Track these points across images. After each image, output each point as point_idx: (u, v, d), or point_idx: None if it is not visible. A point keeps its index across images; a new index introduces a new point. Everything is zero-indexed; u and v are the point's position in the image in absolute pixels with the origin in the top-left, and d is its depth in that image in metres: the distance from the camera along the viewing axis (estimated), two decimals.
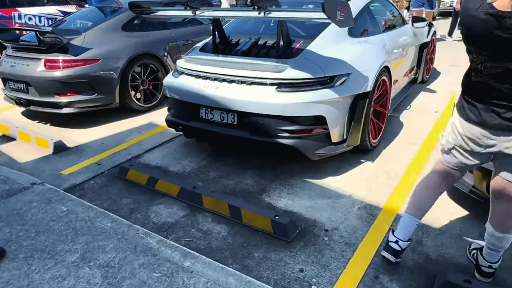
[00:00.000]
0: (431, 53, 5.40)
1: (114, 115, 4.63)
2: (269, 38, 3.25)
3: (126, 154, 3.69)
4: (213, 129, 3.14)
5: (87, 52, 4.25)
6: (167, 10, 3.30)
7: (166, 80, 3.47)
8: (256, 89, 2.90)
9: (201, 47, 3.53)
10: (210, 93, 3.04)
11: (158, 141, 3.97)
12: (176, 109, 3.42)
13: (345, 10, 2.48)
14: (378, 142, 3.56)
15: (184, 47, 5.20)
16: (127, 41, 4.63)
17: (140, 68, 4.69)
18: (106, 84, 4.35)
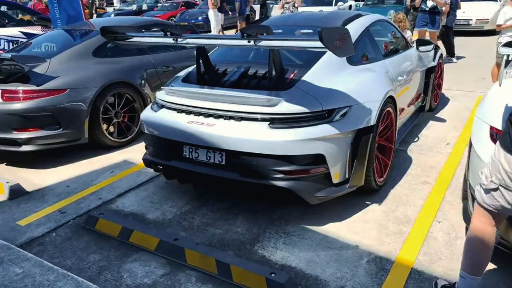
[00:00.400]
0: (438, 78, 5.53)
1: (82, 152, 4.55)
2: (260, 67, 3.29)
3: (95, 199, 3.60)
4: (198, 169, 3.10)
5: (52, 81, 4.23)
6: (144, 36, 3.32)
7: (144, 115, 3.45)
8: (246, 125, 2.89)
9: (183, 77, 3.54)
10: (194, 129, 3.01)
11: (133, 182, 3.89)
12: (156, 147, 3.38)
13: (344, 38, 2.53)
14: (385, 181, 3.55)
15: (165, 74, 5.23)
16: (99, 68, 4.63)
17: (113, 98, 4.67)
18: (74, 117, 4.31)
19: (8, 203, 3.57)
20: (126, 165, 4.29)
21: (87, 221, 3.17)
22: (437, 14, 7.98)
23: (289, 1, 10.77)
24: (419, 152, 4.27)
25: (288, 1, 10.77)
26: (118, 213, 3.36)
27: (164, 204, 3.46)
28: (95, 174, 4.12)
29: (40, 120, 4.15)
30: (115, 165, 4.31)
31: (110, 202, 3.55)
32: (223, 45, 3.31)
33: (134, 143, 4.87)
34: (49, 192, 3.76)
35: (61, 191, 3.79)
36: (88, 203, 3.54)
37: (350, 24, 3.70)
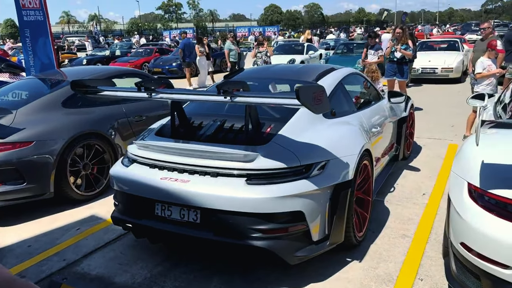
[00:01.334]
0: (410, 127, 5.67)
1: (46, 208, 4.31)
2: (236, 120, 3.26)
3: (59, 260, 3.36)
4: (171, 228, 2.95)
5: (17, 133, 4.06)
6: (117, 90, 3.25)
7: (113, 170, 3.31)
8: (222, 182, 2.81)
9: (157, 130, 3.46)
10: (167, 186, 2.90)
11: (101, 240, 3.68)
12: (125, 204, 3.22)
13: (320, 95, 2.54)
14: (364, 235, 3.49)
15: (137, 123, 5.14)
16: (68, 119, 4.50)
17: (82, 150, 4.52)
18: (39, 171, 4.11)
19: None
20: (94, 221, 4.08)
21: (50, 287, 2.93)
22: (405, 64, 8.35)
23: (261, 50, 11.03)
24: (396, 203, 4.26)
25: (260, 50, 11.02)
26: (83, 277, 3.13)
27: (134, 266, 3.25)
28: (59, 231, 3.88)
29: (3, 174, 3.94)
30: (82, 221, 4.08)
31: (75, 264, 3.31)
32: (199, 100, 3.28)
33: (102, 196, 4.67)
34: (8, 253, 3.50)
35: (22, 251, 3.52)
36: (51, 265, 3.30)
37: (324, 78, 3.78)
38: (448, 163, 5.43)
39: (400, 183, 4.83)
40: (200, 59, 13.13)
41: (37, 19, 7.00)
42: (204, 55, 13.14)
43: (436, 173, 5.11)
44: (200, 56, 13.06)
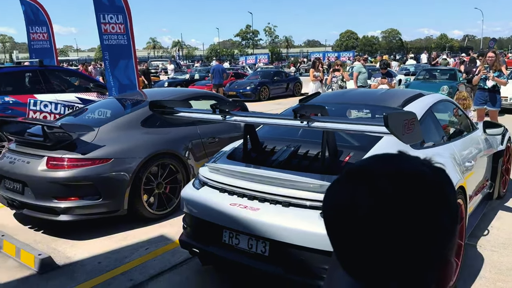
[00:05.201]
0: (506, 163, 5.03)
1: (118, 225, 4.38)
2: (312, 147, 3.04)
3: (126, 280, 3.33)
4: (238, 258, 2.78)
5: (97, 150, 4.20)
6: (193, 112, 3.22)
7: (185, 192, 3.25)
8: (294, 213, 2.59)
9: (229, 153, 3.36)
10: (236, 213, 2.75)
11: (168, 263, 3.61)
12: (193, 228, 3.12)
13: (412, 123, 2.25)
14: (455, 285, 3.03)
15: (210, 145, 5.13)
16: (146, 138, 4.60)
17: (157, 169, 4.57)
18: (115, 188, 4.20)
19: (38, 278, 3.38)
20: (162, 242, 4.04)
21: None
22: (497, 93, 7.58)
23: (337, 75, 10.67)
24: (492, 249, 3.70)
25: (336, 75, 10.67)
26: None
27: None
28: (129, 250, 3.89)
29: (82, 189, 4.07)
30: (151, 241, 4.07)
31: (141, 286, 3.26)
32: (274, 124, 3.13)
33: (173, 216, 4.65)
34: (80, 268, 3.55)
35: (92, 268, 3.56)
36: (117, 284, 3.28)
37: (412, 104, 3.44)
38: None
39: (495, 226, 4.23)
40: (313, 84, 11.96)
41: (120, 43, 7.43)
42: (318, 80, 11.95)
43: None
44: (313, 81, 11.94)
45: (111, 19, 7.30)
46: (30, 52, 11.13)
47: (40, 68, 7.76)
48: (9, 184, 4.28)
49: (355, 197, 0.60)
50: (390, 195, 0.58)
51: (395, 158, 0.64)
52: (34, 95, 7.20)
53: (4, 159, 4.37)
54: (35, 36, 10.89)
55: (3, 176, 4.35)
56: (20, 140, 4.46)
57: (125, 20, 7.42)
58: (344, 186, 0.63)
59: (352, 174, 0.63)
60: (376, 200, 0.58)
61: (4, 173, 4.29)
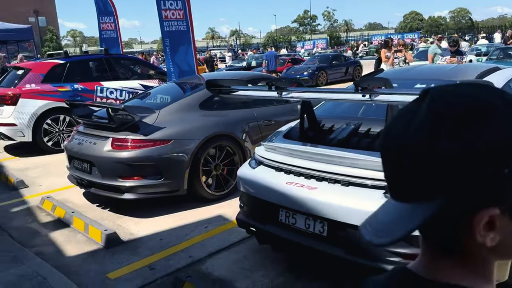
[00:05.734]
0: None
1: (178, 204, 4.49)
2: (373, 124, 2.88)
3: (186, 257, 3.41)
4: (295, 238, 2.72)
5: (158, 131, 4.32)
6: (248, 90, 3.17)
7: (241, 171, 3.23)
8: (355, 192, 2.47)
9: (285, 132, 3.28)
10: (293, 192, 2.68)
11: (226, 241, 3.64)
12: (250, 207, 3.10)
13: None
14: None
15: (266, 127, 5.09)
16: (204, 120, 4.65)
17: (214, 151, 4.62)
18: (175, 168, 4.30)
19: (104, 252, 3.55)
20: (220, 221, 4.09)
21: (174, 284, 2.96)
22: None
23: (399, 56, 10.05)
24: None
25: (398, 56, 10.05)
26: (206, 277, 3.09)
27: (255, 272, 3.10)
28: (189, 228, 3.98)
29: (144, 169, 4.21)
30: (209, 220, 4.13)
31: (200, 262, 3.32)
32: (332, 99, 2.99)
33: (230, 197, 4.68)
34: (143, 244, 3.69)
35: (154, 244, 3.68)
36: (178, 260, 3.36)
37: (489, 77, 3.14)
38: None
39: None
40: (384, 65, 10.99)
41: (179, 29, 7.56)
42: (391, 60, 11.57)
43: None
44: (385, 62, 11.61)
45: (171, 5, 7.44)
46: (101, 41, 11.92)
47: (105, 56, 8.15)
48: (78, 164, 4.54)
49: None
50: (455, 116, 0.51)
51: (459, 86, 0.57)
52: (101, 82, 7.58)
53: (73, 141, 4.64)
54: (105, 26, 11.62)
55: (72, 156, 4.62)
56: (87, 122, 4.70)
57: (184, 6, 7.54)
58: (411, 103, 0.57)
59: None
60: None
61: (74, 154, 4.56)
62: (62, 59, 7.72)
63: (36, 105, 6.92)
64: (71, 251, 3.57)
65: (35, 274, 2.93)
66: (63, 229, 4.05)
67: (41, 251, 3.58)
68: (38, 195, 4.99)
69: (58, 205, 4.39)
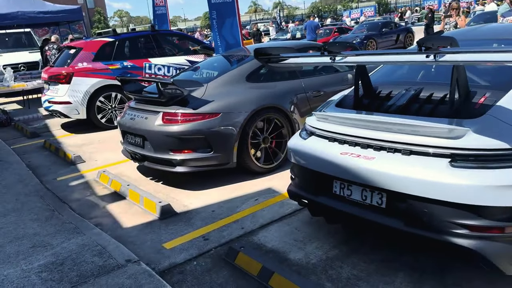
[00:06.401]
0: None
1: (228, 177, 4.50)
2: (435, 89, 2.67)
3: (238, 228, 3.41)
4: (350, 210, 2.62)
5: (207, 105, 4.30)
6: (299, 56, 3.03)
7: (291, 142, 3.14)
8: (417, 161, 2.31)
9: (338, 101, 3.13)
10: (348, 162, 2.56)
11: (277, 213, 3.60)
12: (302, 178, 3.02)
13: None
14: None
15: (315, 99, 4.94)
16: (251, 92, 4.58)
17: (262, 123, 4.55)
18: (224, 141, 4.28)
19: (159, 223, 3.64)
20: (270, 194, 4.05)
21: (228, 254, 2.97)
22: None
23: (451, 21, 9.30)
24: None
25: (449, 21, 9.31)
26: (259, 248, 3.08)
27: (308, 244, 3.05)
28: (239, 200, 3.98)
29: (194, 142, 4.23)
30: (259, 193, 4.11)
31: (252, 234, 3.31)
32: (392, 61, 2.78)
33: (279, 170, 4.63)
34: (196, 216, 3.74)
35: (207, 215, 3.72)
36: (230, 231, 3.37)
37: None
38: None
39: None
40: None
41: (225, 1, 7.43)
42: None
43: None
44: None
45: None
46: (154, 18, 12.39)
47: (152, 33, 8.22)
48: (131, 138, 4.64)
49: None
50: None
51: None
52: (149, 59, 7.67)
53: (126, 116, 4.74)
54: (158, 2, 11.91)
55: (125, 131, 4.73)
56: (138, 98, 4.77)
57: None
58: None
59: None
60: None
61: (127, 129, 4.66)
62: (111, 37, 7.87)
63: (88, 83, 7.14)
64: (128, 222, 3.69)
65: (95, 243, 3.05)
66: (119, 201, 4.19)
67: (100, 222, 3.73)
68: (95, 169, 5.19)
69: (114, 179, 4.54)
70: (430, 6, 18.15)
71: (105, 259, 2.83)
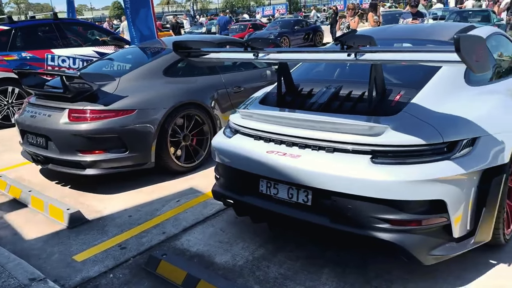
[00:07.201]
0: None
1: (147, 178, 4.24)
2: (355, 87, 2.73)
3: (159, 233, 3.21)
4: (277, 209, 2.59)
5: (120, 101, 3.99)
6: (221, 52, 2.91)
7: (215, 140, 3.02)
8: (340, 159, 2.34)
9: (261, 98, 3.08)
10: (274, 161, 2.52)
11: (200, 215, 3.46)
12: (227, 178, 2.92)
13: (482, 49, 1.92)
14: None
15: (236, 95, 4.86)
16: (169, 88, 4.35)
17: (182, 120, 4.35)
18: (141, 140, 4.01)
19: (67, 232, 3.29)
20: (193, 194, 3.89)
21: (148, 263, 2.76)
22: None
23: (345, 21, 9.57)
24: None
25: (344, 22, 9.57)
26: (183, 253, 2.92)
27: (234, 245, 2.97)
28: (159, 202, 3.76)
29: (106, 142, 3.90)
30: (181, 193, 3.92)
31: (175, 238, 3.13)
32: (316, 60, 2.79)
33: (201, 169, 4.49)
34: (110, 222, 3.44)
35: (123, 221, 3.45)
36: (150, 237, 3.16)
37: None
38: None
39: None
40: None
41: None
42: (377, 25, 10.94)
43: None
44: (373, 26, 11.04)
45: None
46: (68, 6, 11.92)
47: (55, 21, 7.49)
48: (32, 139, 4.14)
49: None
50: None
51: None
52: (51, 50, 6.97)
53: (25, 114, 4.22)
54: None
55: (25, 131, 4.21)
56: (39, 93, 4.27)
57: None
58: None
59: None
60: None
61: (27, 127, 4.15)
62: (6, 25, 7.02)
63: None
64: (31, 234, 3.28)
65: None
66: (20, 210, 3.72)
67: None
68: None
69: (13, 184, 4.03)
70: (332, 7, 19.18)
71: (4, 279, 2.46)
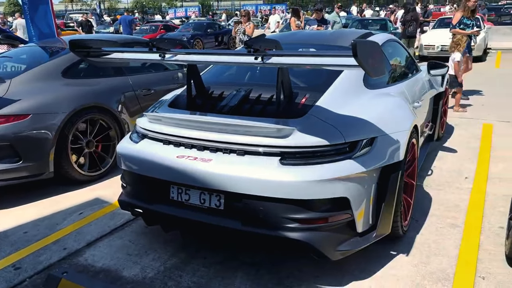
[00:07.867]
0: (444, 105, 5.16)
1: (46, 189, 3.88)
2: (264, 90, 2.77)
3: (59, 250, 2.94)
4: (189, 215, 2.52)
5: (12, 105, 3.60)
6: (125, 52, 2.76)
7: (120, 146, 2.85)
8: (251, 161, 2.35)
9: (170, 101, 2.98)
10: (185, 165, 2.45)
11: (107, 227, 3.25)
12: (135, 186, 2.78)
13: (378, 54, 2.06)
14: (408, 224, 3.04)
15: (145, 97, 4.67)
16: (69, 90, 4.03)
17: (85, 125, 4.06)
18: (37, 148, 3.67)
19: None
20: (98, 205, 3.65)
21: (47, 283, 2.49)
22: None
23: (241, 27, 9.77)
24: (438, 188, 3.79)
25: (239, 28, 9.78)
26: (87, 269, 2.71)
27: (144, 257, 2.83)
28: (60, 216, 3.46)
29: None
30: (85, 205, 3.65)
31: (77, 254, 2.89)
32: (223, 62, 2.77)
33: (108, 177, 4.23)
34: (3, 240, 3.08)
35: (17, 238, 3.11)
36: (49, 255, 2.88)
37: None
38: (487, 144, 4.93)
39: (437, 166, 4.34)
40: None
41: None
42: (300, 29, 10.65)
43: (476, 155, 4.61)
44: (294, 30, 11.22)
45: None
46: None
47: None
48: None
49: None
50: None
51: None
52: None
53: None
54: None
55: None
56: None
57: None
58: None
59: None
60: None
61: None
62: None
63: None
64: None
65: None
66: None
67: None
68: None
69: None
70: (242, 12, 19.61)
71: None
